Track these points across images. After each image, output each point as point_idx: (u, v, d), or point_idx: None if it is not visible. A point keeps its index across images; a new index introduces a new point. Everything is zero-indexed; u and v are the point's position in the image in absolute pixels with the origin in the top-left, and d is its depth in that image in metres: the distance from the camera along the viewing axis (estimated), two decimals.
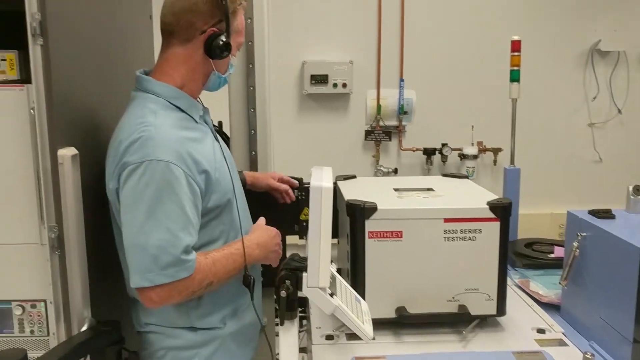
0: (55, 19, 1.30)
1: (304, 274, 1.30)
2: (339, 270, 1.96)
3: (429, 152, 3.64)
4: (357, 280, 1.65)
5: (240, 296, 1.61)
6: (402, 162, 3.74)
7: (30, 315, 1.40)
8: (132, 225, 1.35)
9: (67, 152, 1.31)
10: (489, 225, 1.64)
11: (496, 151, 3.65)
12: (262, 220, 1.69)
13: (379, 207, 1.62)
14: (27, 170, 1.32)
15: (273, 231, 1.65)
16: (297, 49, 3.55)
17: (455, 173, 2.18)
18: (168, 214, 1.33)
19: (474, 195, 1.84)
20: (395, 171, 3.68)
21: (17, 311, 1.40)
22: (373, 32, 3.60)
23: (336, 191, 1.96)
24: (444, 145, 3.63)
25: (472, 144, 3.63)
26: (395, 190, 1.88)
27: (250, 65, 2.13)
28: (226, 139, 2.22)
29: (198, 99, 1.58)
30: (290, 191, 2.07)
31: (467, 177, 2.13)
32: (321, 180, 1.23)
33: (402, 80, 3.64)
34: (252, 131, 2.17)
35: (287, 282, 1.40)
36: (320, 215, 1.23)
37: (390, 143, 3.68)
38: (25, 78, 1.36)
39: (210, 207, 1.47)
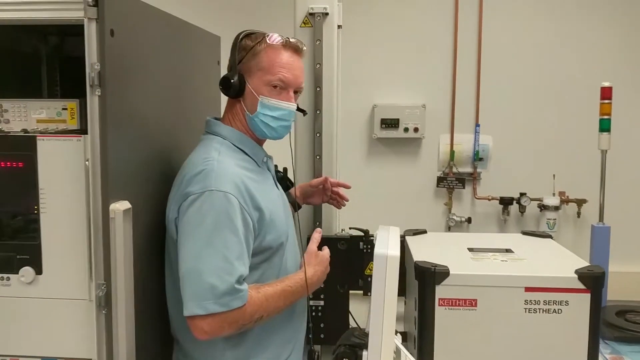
0: (115, 69, 1.27)
1: (364, 353, 1.16)
2: (404, 335, 1.81)
3: (505, 202, 3.43)
4: (424, 350, 1.51)
5: (285, 346, 1.60)
6: (477, 212, 3.54)
7: None
8: (189, 252, 1.38)
9: (119, 207, 1.25)
10: (577, 297, 1.46)
11: (580, 202, 3.38)
12: (315, 242, 1.65)
13: (451, 272, 1.48)
14: (81, 223, 1.28)
15: (325, 261, 1.65)
16: (368, 92, 3.48)
17: (537, 231, 2.00)
18: (225, 242, 1.37)
19: (559, 261, 1.65)
20: (469, 221, 3.49)
21: None
22: (447, 74, 3.48)
23: (404, 246, 1.84)
24: (522, 194, 3.41)
25: (554, 194, 3.39)
26: (470, 250, 1.72)
27: (318, 111, 2.07)
28: (291, 185, 2.15)
29: (262, 147, 1.65)
30: (342, 192, 2.00)
31: (550, 236, 1.94)
32: (387, 247, 1.11)
33: (477, 125, 3.48)
34: None
35: None
36: (384, 286, 1.10)
37: (463, 191, 3.51)
38: (85, 128, 1.32)
39: (263, 246, 1.49)
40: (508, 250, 1.72)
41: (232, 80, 1.51)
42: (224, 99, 1.64)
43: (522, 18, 3.43)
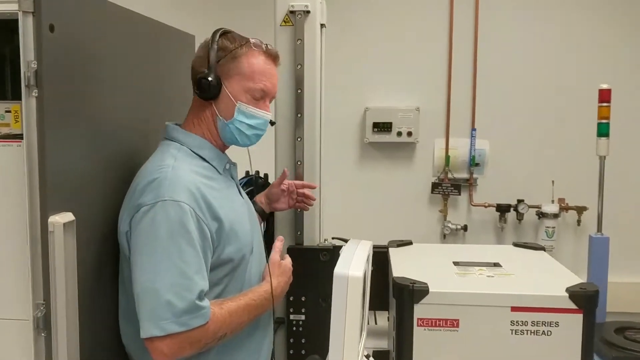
0: (55, 68, 1.16)
1: None
2: (386, 354, 1.70)
3: (502, 209, 3.30)
4: None
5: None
6: (473, 219, 3.41)
7: None
8: (143, 268, 1.28)
9: (59, 219, 1.14)
10: (568, 317, 1.34)
11: (581, 210, 3.25)
12: (277, 252, 1.58)
13: (431, 290, 1.36)
14: (21, 236, 1.16)
15: (288, 271, 1.59)
16: (359, 94, 3.36)
17: (529, 243, 1.87)
18: (182, 255, 1.28)
19: (550, 277, 1.53)
20: (465, 228, 3.36)
21: None
22: (442, 75, 3.36)
23: (387, 259, 1.72)
24: (519, 201, 3.29)
25: (553, 201, 3.26)
26: (455, 264, 1.60)
27: (299, 115, 1.95)
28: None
29: (225, 154, 1.57)
30: (308, 192, 1.90)
31: (543, 249, 1.82)
32: (348, 266, 0.99)
33: (474, 129, 3.36)
34: None
35: None
36: (344, 311, 0.98)
37: (459, 197, 3.39)
38: None
39: (223, 259, 1.40)
40: (496, 264, 1.60)
41: (209, 80, 1.42)
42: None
43: (520, 18, 3.31)
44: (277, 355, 2.00)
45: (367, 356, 1.39)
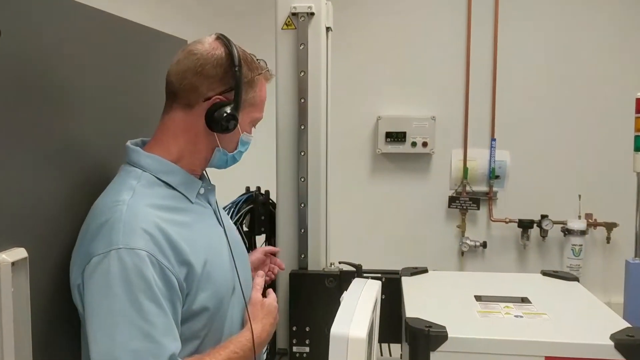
0: (3, 77, 0.98)
1: None
2: None
3: (525, 225, 3.11)
4: None
5: None
6: (493, 235, 3.22)
7: None
8: (100, 334, 1.08)
9: (6, 257, 0.95)
10: None
11: (610, 227, 3.04)
12: (258, 290, 1.40)
13: (450, 335, 1.16)
14: None
15: (274, 310, 1.40)
16: (371, 102, 3.20)
17: (560, 272, 1.66)
18: (144, 315, 1.08)
19: (589, 318, 1.32)
20: (484, 245, 3.18)
21: None
22: (460, 82, 3.18)
23: (399, 288, 1.55)
24: (543, 217, 3.10)
25: (579, 216, 3.05)
26: (477, 299, 1.40)
27: (302, 127, 1.78)
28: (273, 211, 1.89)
29: (205, 173, 1.39)
30: (274, 264, 1.74)
31: (576, 279, 1.60)
32: (348, 324, 0.79)
33: (493, 139, 3.17)
34: (302, 204, 1.80)
35: None
36: None
37: (478, 212, 3.20)
38: None
39: (195, 309, 1.20)
40: (524, 300, 1.40)
41: (233, 115, 1.23)
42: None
43: (542, 23, 3.13)
44: None
45: None
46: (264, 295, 1.40)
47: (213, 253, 1.26)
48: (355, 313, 0.83)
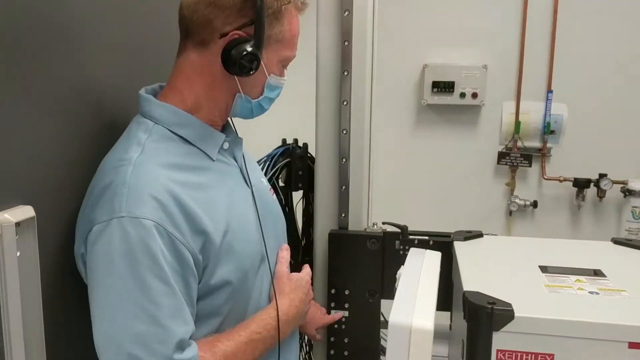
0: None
1: None
2: None
3: (580, 184, 2.90)
4: None
5: None
6: (544, 194, 3.02)
7: None
8: (101, 312, 0.98)
9: (10, 217, 0.83)
10: None
11: None
12: (284, 264, 1.25)
13: (517, 314, 1.01)
14: None
15: (305, 286, 1.26)
16: (417, 49, 2.98)
17: (634, 241, 1.48)
18: (149, 294, 0.96)
19: None
20: (535, 205, 2.99)
21: None
22: (515, 29, 2.93)
23: (451, 253, 1.41)
24: (601, 176, 2.88)
25: None
26: (543, 270, 1.24)
27: (345, 73, 1.62)
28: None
29: (231, 123, 1.24)
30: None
31: None
32: (412, 309, 0.64)
33: (550, 91, 2.93)
34: (344, 159, 1.66)
35: None
36: None
37: (530, 169, 3.00)
38: None
39: (214, 284, 1.07)
40: (597, 273, 1.23)
41: (254, 55, 1.06)
42: None
43: None
44: (316, 355, 1.75)
45: None
46: (297, 270, 1.27)
47: (237, 219, 1.12)
48: (418, 296, 0.68)
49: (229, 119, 1.23)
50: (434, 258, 0.85)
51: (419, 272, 0.76)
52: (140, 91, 1.14)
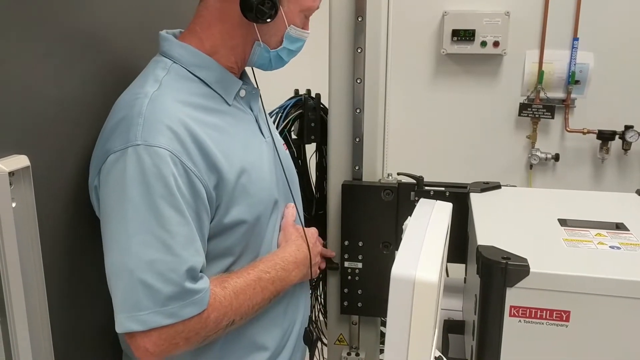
0: None
1: None
2: (459, 326, 1.36)
3: (605, 137, 2.80)
4: None
5: (279, 344, 1.21)
6: (566, 147, 2.94)
7: None
8: (113, 241, 0.98)
9: (3, 166, 0.80)
10: None
11: None
12: (290, 218, 1.25)
13: (532, 269, 0.97)
14: None
15: (313, 235, 1.29)
16: None
17: None
18: (163, 222, 0.96)
19: None
20: (556, 158, 2.91)
21: None
22: None
23: (467, 205, 1.39)
24: (628, 127, 2.77)
25: None
26: (562, 223, 1.19)
27: (360, 19, 1.55)
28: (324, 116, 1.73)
29: (250, 73, 1.24)
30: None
31: None
32: (415, 262, 0.61)
33: (575, 39, 2.80)
34: (358, 110, 1.61)
35: None
36: (408, 329, 0.61)
37: (552, 121, 2.90)
38: None
39: (227, 223, 1.08)
40: (619, 227, 1.18)
41: (277, 4, 1.07)
42: None
43: None
44: (330, 305, 1.74)
45: (439, 358, 1.04)
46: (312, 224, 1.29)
47: (251, 165, 1.12)
48: (424, 248, 0.64)
49: (249, 69, 1.23)
50: (444, 209, 0.81)
51: (427, 223, 0.73)
52: (161, 32, 1.14)
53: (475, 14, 2.83)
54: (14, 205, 0.82)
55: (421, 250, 0.66)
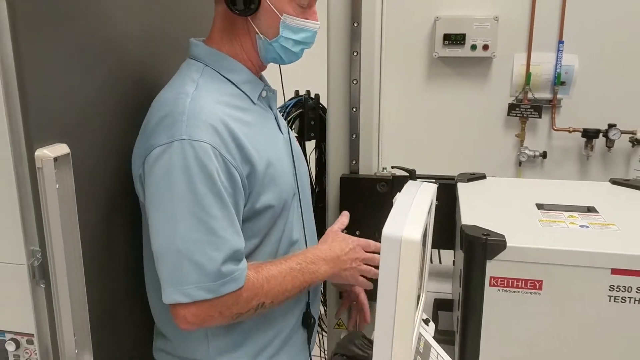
0: None
1: None
2: (449, 303, 1.47)
3: (590, 135, 2.91)
4: (468, 342, 1.15)
5: (285, 332, 1.30)
6: (554, 145, 3.05)
7: (27, 353, 1.08)
8: (161, 225, 1.08)
9: (49, 153, 0.93)
10: None
11: None
12: (338, 224, 1.36)
13: (509, 243, 1.09)
14: (9, 175, 0.95)
15: (351, 243, 1.32)
16: (428, 2, 2.98)
17: (631, 181, 1.54)
18: (207, 207, 1.06)
19: None
20: (544, 155, 3.02)
21: (10, 347, 1.08)
22: None
23: (455, 195, 1.50)
24: (611, 126, 2.89)
25: None
26: (539, 207, 1.32)
27: (355, 24, 1.66)
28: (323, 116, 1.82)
29: (263, 77, 1.32)
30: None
31: None
32: (402, 225, 0.74)
33: (561, 41, 2.92)
34: (354, 109, 1.72)
35: None
36: (395, 283, 0.74)
37: (539, 121, 3.01)
38: None
39: (258, 208, 1.18)
40: (590, 210, 1.31)
41: None
42: None
43: None
44: (329, 292, 1.84)
45: (427, 320, 1.16)
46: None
47: (275, 157, 1.23)
48: (410, 214, 0.77)
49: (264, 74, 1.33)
50: (428, 187, 0.93)
51: (413, 197, 0.85)
52: (191, 39, 1.24)
53: (466, 18, 2.93)
54: (57, 186, 0.94)
55: (407, 216, 0.78)
